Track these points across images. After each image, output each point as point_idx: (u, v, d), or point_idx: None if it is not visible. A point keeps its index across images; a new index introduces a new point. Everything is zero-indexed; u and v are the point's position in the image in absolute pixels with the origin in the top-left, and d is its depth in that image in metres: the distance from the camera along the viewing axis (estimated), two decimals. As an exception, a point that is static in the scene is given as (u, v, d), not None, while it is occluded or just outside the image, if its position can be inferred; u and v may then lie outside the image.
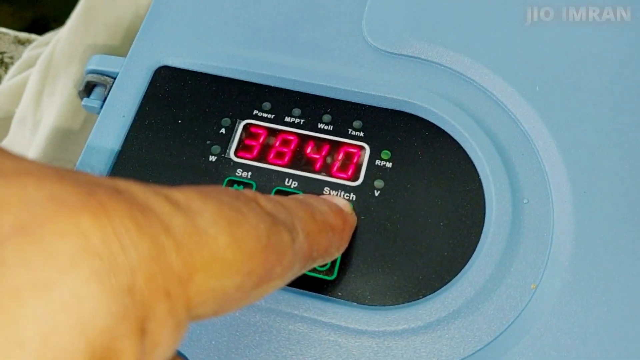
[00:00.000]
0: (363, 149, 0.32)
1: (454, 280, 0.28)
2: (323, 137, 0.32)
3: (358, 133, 0.32)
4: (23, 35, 0.66)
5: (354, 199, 0.30)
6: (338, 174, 0.31)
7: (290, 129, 0.32)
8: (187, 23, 0.36)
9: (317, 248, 0.22)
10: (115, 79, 0.35)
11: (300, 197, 0.25)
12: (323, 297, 0.28)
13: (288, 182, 0.31)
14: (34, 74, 0.53)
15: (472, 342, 0.27)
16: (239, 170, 0.31)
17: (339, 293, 0.28)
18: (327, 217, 0.24)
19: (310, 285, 0.29)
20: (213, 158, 0.32)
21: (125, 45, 0.54)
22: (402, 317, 0.27)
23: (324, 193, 0.31)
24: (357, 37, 0.34)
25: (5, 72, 0.62)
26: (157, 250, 0.14)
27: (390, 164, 0.31)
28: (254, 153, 0.32)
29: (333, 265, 0.29)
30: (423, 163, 0.31)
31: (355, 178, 0.31)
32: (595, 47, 0.33)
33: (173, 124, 0.33)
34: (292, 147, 0.32)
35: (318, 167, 0.31)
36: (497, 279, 0.28)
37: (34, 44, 0.62)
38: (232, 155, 0.32)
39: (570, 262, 0.28)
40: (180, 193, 0.17)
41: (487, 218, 0.29)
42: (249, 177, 0.31)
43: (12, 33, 0.66)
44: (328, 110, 0.33)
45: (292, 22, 0.35)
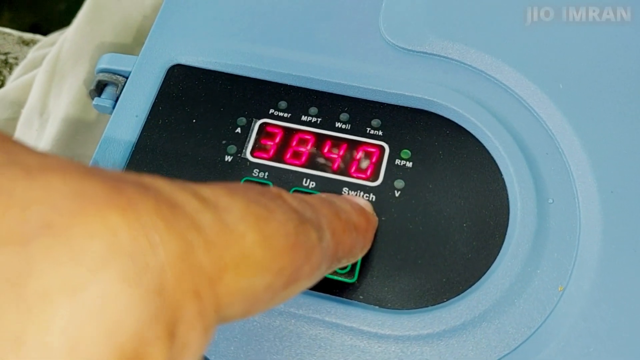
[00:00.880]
0: (382, 148, 0.31)
1: (479, 283, 0.28)
2: (341, 136, 0.31)
3: (377, 132, 0.31)
4: (27, 36, 0.65)
5: (374, 200, 0.30)
6: (357, 174, 0.30)
7: (307, 128, 0.32)
8: (200, 20, 0.35)
9: (342, 247, 0.22)
10: (128, 78, 0.34)
11: (323, 195, 0.25)
12: (344, 300, 0.28)
13: (306, 182, 0.30)
14: (41, 74, 0.52)
15: (498, 346, 0.26)
16: (256, 171, 0.31)
17: (361, 296, 0.28)
18: (351, 216, 0.24)
19: (331, 289, 0.28)
20: (229, 158, 0.31)
21: (133, 45, 0.54)
22: (426, 321, 0.27)
23: (343, 193, 0.30)
24: (374, 34, 0.34)
25: (10, 72, 0.61)
26: (186, 249, 0.14)
27: (411, 164, 0.30)
28: (271, 153, 0.31)
29: (354, 268, 0.28)
30: (444, 162, 0.30)
31: (375, 178, 0.30)
32: (621, 45, 0.32)
33: (187, 124, 0.32)
34: (309, 146, 0.31)
35: (336, 167, 0.31)
36: (523, 282, 0.27)
37: (39, 45, 0.62)
38: (248, 155, 0.31)
39: (599, 263, 0.27)
40: (208, 189, 0.16)
41: (511, 219, 0.29)
42: (266, 177, 0.30)
43: (16, 33, 0.65)
44: (345, 109, 0.32)
45: (308, 18, 0.34)
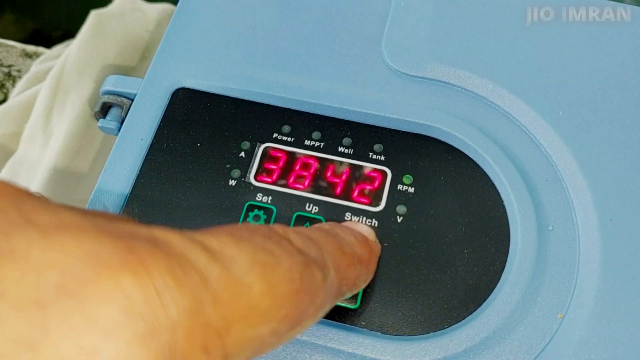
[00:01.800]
0: (384, 173, 0.31)
1: (480, 310, 0.28)
2: (343, 160, 0.32)
3: (379, 157, 0.32)
4: (30, 49, 0.66)
5: (376, 225, 0.30)
6: (359, 199, 0.31)
7: (311, 153, 0.32)
8: (205, 44, 0.35)
9: (346, 282, 0.22)
10: (133, 101, 0.34)
11: (326, 227, 0.25)
12: (346, 326, 0.28)
13: (309, 207, 0.31)
14: (44, 89, 0.53)
15: (499, 373, 0.27)
16: (259, 195, 0.31)
17: (363, 322, 0.28)
18: (354, 248, 0.24)
19: (333, 315, 0.28)
20: (233, 182, 0.31)
21: (136, 60, 0.54)
22: (427, 348, 0.27)
23: (346, 219, 0.30)
24: (377, 59, 0.34)
25: (13, 85, 0.61)
26: (196, 305, 0.14)
27: (413, 189, 0.31)
28: (274, 177, 0.31)
29: (356, 294, 0.28)
30: (446, 188, 0.31)
31: (377, 203, 0.30)
32: (622, 74, 0.32)
33: (192, 147, 0.32)
34: (312, 171, 0.31)
35: (339, 191, 0.31)
36: (523, 309, 0.28)
37: (42, 58, 0.62)
38: (252, 180, 0.31)
39: (598, 291, 0.28)
40: (214, 238, 0.17)
41: (512, 245, 0.29)
42: (269, 201, 0.31)
43: (19, 46, 0.66)
44: (348, 134, 0.32)
45: (311, 44, 0.35)
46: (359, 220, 0.30)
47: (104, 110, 0.36)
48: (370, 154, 0.32)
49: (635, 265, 0.28)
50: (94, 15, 0.56)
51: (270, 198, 0.31)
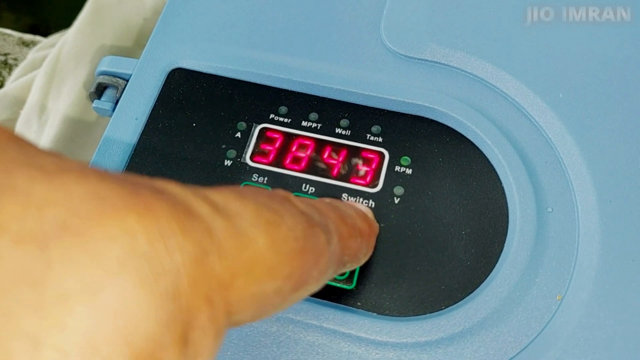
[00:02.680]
0: (382, 155, 0.31)
1: (478, 291, 0.27)
2: (341, 142, 0.31)
3: (377, 138, 0.31)
4: (27, 37, 0.65)
5: (373, 206, 0.30)
6: (356, 180, 0.30)
7: (307, 134, 0.32)
8: (202, 24, 0.35)
9: (348, 252, 0.22)
10: (128, 81, 0.34)
11: (327, 200, 0.25)
12: (342, 307, 0.28)
13: (305, 187, 0.30)
14: (40, 76, 0.52)
15: (496, 355, 0.26)
16: (255, 176, 0.31)
17: (359, 303, 0.28)
18: (355, 221, 0.24)
19: (329, 295, 0.28)
20: (228, 162, 0.31)
21: (133, 48, 0.53)
22: (424, 328, 0.27)
23: (342, 199, 0.30)
24: (375, 40, 0.34)
25: (10, 73, 0.61)
26: (200, 254, 0.14)
27: (410, 171, 0.30)
28: (270, 158, 0.31)
29: (352, 274, 0.28)
30: (444, 170, 0.30)
31: (374, 184, 0.30)
32: (622, 52, 0.32)
33: (187, 128, 0.32)
34: (309, 152, 0.31)
35: (335, 172, 0.31)
36: (521, 290, 0.27)
37: (39, 46, 0.62)
38: (248, 160, 0.31)
39: (597, 272, 0.27)
40: (218, 194, 0.16)
41: (510, 227, 0.29)
42: (265, 182, 0.30)
43: (16, 34, 0.65)
44: (346, 115, 0.32)
45: (309, 25, 0.35)
46: (356, 201, 0.30)
47: (99, 91, 0.35)
48: (368, 136, 0.31)
49: (635, 247, 0.28)
50: (92, 2, 0.55)
51: (266, 179, 0.30)
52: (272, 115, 0.32)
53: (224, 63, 0.33)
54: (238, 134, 0.32)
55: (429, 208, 0.29)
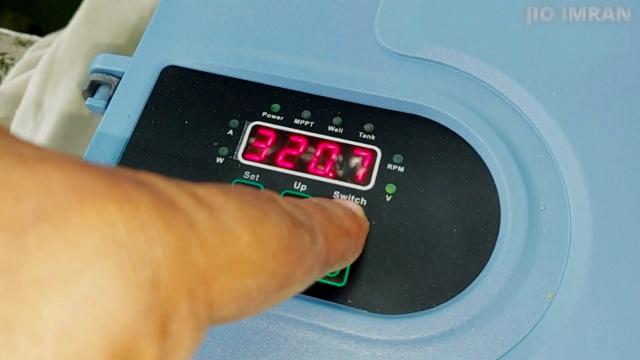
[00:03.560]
0: (374, 153, 0.31)
1: (468, 289, 0.27)
2: (333, 139, 0.31)
3: (369, 136, 0.31)
4: (24, 37, 0.65)
5: (365, 204, 0.29)
6: (348, 178, 0.30)
7: (300, 132, 0.31)
8: (195, 22, 0.35)
9: (334, 252, 0.22)
10: (121, 79, 0.34)
11: (315, 200, 0.25)
12: (332, 304, 0.27)
13: (297, 185, 0.30)
14: (36, 75, 0.52)
15: (487, 353, 0.26)
16: (247, 173, 0.30)
17: (349, 300, 0.28)
18: (343, 221, 0.24)
19: (320, 292, 0.28)
20: (220, 160, 0.31)
21: (129, 47, 0.53)
22: (414, 326, 0.26)
23: (334, 197, 0.30)
24: (369, 38, 0.34)
25: (6, 73, 0.61)
26: (182, 245, 0.14)
27: (402, 168, 0.30)
28: (262, 155, 0.31)
29: (343, 272, 0.28)
30: (436, 168, 0.30)
31: (366, 182, 0.30)
32: (615, 50, 0.32)
33: (179, 125, 0.32)
34: (301, 149, 0.31)
35: (328, 170, 0.30)
36: (512, 288, 0.27)
37: (35, 46, 0.62)
38: (239, 158, 0.31)
39: (589, 271, 0.27)
40: (203, 189, 0.16)
41: (502, 225, 0.29)
42: (257, 179, 0.30)
43: (13, 34, 0.65)
44: (338, 113, 0.32)
45: (302, 22, 0.34)
46: (348, 199, 0.30)
47: (93, 89, 0.35)
48: (361, 133, 0.31)
49: (627, 246, 0.27)
50: (88, 2, 0.55)
51: (258, 176, 0.30)
52: (264, 113, 0.32)
53: (217, 61, 0.33)
54: (230, 132, 0.32)
55: (421, 206, 0.29)
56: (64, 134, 0.49)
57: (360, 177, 0.30)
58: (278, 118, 0.32)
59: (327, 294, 0.28)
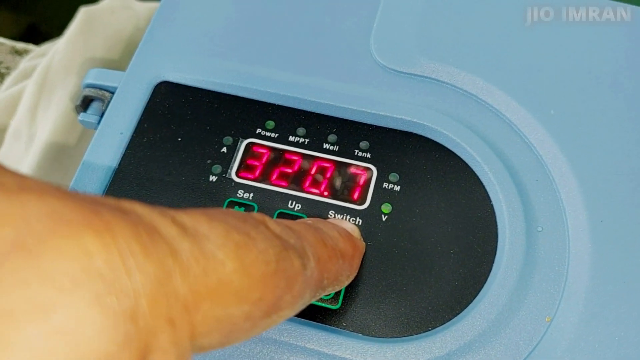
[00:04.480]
0: (370, 171, 0.30)
1: (465, 312, 0.27)
2: (328, 157, 0.31)
3: (365, 154, 0.31)
4: (20, 46, 0.65)
5: (360, 224, 0.29)
6: (343, 197, 0.30)
7: (295, 149, 0.31)
8: (189, 37, 0.35)
9: (327, 275, 0.21)
10: (114, 94, 0.33)
11: (309, 221, 0.24)
12: (327, 327, 0.27)
13: (291, 204, 0.30)
14: (30, 86, 0.52)
15: (484, 378, 0.26)
16: (241, 192, 0.30)
17: (344, 323, 0.27)
18: (337, 242, 0.23)
19: (314, 315, 0.27)
20: (213, 178, 0.30)
21: (125, 58, 0.53)
22: (410, 350, 0.26)
23: (329, 216, 0.29)
24: (364, 54, 0.33)
25: (1, 82, 0.61)
26: (163, 275, 0.13)
27: (399, 187, 0.30)
28: (257, 173, 0.30)
29: (338, 294, 0.27)
30: (433, 187, 0.30)
31: (362, 201, 0.30)
32: (615, 69, 0.31)
33: (172, 142, 0.31)
34: (296, 167, 0.31)
35: (323, 189, 0.30)
36: (510, 311, 0.27)
37: (31, 55, 0.61)
38: (233, 176, 0.30)
39: (587, 294, 0.27)
40: (187, 215, 0.16)
41: (499, 246, 0.28)
42: (251, 198, 0.30)
43: (9, 43, 0.65)
44: (334, 130, 0.32)
45: (297, 38, 0.34)
46: (343, 219, 0.29)
47: (85, 104, 0.35)
48: (356, 151, 0.31)
49: (626, 269, 0.27)
50: (83, 12, 0.55)
51: (252, 195, 0.30)
52: (258, 130, 0.32)
53: (211, 76, 0.33)
54: (224, 149, 0.31)
55: (417, 226, 0.29)
56: (59, 146, 0.48)
57: (356, 196, 0.30)
58: (272, 135, 0.31)
59: (321, 317, 0.27)
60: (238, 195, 0.30)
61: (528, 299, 0.27)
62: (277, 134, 0.31)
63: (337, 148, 0.31)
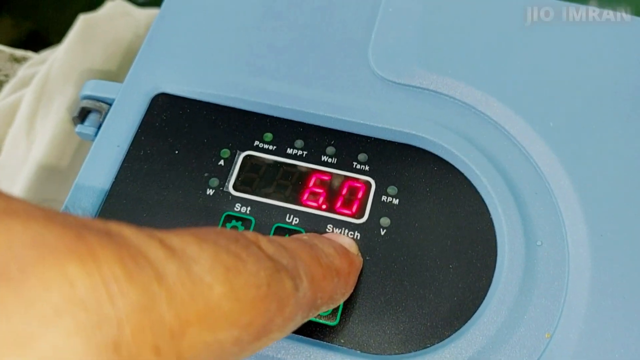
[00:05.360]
0: (368, 184, 0.30)
1: (464, 328, 0.27)
2: (327, 170, 0.31)
3: (363, 167, 0.31)
4: (19, 53, 0.65)
5: (359, 238, 0.29)
6: (342, 210, 0.29)
7: (293, 162, 0.31)
8: (186, 49, 0.34)
9: (321, 295, 0.21)
10: (111, 106, 0.33)
11: (304, 237, 0.24)
12: (324, 344, 0.27)
13: (289, 218, 0.29)
14: (29, 94, 0.51)
15: (483, 395, 0.25)
16: (238, 205, 0.30)
17: (342, 340, 0.27)
18: (332, 260, 0.23)
19: (311, 331, 0.27)
20: (211, 192, 0.30)
21: (124, 66, 0.53)
22: (408, 367, 0.26)
23: (327, 230, 0.29)
24: (363, 66, 0.33)
25: (0, 90, 0.60)
26: (147, 300, 0.13)
27: (397, 201, 0.30)
28: (254, 187, 0.30)
29: (336, 310, 0.27)
30: (431, 200, 0.30)
31: (360, 215, 0.29)
32: (613, 81, 0.31)
33: (170, 155, 0.31)
34: (293, 180, 0.30)
35: (321, 202, 0.30)
36: (509, 327, 0.26)
37: (30, 63, 0.61)
38: (230, 189, 0.30)
39: (587, 309, 0.26)
40: (176, 237, 0.16)
41: (499, 261, 0.28)
42: (248, 212, 0.30)
43: (7, 50, 0.65)
44: (332, 143, 0.31)
45: (295, 50, 0.34)
46: (341, 233, 0.29)
47: (83, 116, 0.35)
48: (355, 164, 0.31)
49: (626, 284, 0.27)
50: (82, 20, 0.55)
51: (249, 208, 0.30)
52: (256, 142, 0.31)
53: (209, 88, 0.33)
54: (221, 162, 0.31)
55: (416, 240, 0.29)
56: (57, 155, 0.48)
57: (354, 209, 0.29)
58: (270, 147, 0.31)
59: (319, 333, 0.27)
60: (235, 209, 0.30)
61: (527, 315, 0.27)
62: (275, 147, 0.31)
63: (335, 160, 0.31)
